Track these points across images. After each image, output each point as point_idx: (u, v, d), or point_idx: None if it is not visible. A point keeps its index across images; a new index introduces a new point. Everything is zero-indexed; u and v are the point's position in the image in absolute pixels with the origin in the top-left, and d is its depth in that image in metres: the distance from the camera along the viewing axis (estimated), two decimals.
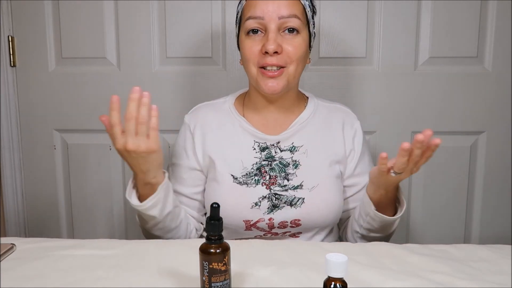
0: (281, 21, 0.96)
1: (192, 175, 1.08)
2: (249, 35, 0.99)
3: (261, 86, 0.99)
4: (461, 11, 1.44)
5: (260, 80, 0.99)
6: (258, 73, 0.99)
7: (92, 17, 1.50)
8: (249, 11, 0.98)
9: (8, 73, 1.53)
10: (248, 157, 1.04)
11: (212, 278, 0.64)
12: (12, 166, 1.58)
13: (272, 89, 0.98)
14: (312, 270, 0.77)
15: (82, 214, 1.62)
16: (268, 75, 0.97)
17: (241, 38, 1.02)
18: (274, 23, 0.96)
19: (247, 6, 1.00)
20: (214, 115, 1.09)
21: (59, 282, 0.74)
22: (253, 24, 0.98)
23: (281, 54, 0.97)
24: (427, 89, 1.49)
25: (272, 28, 0.96)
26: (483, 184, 1.54)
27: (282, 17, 0.96)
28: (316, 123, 1.08)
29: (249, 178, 1.02)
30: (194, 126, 1.08)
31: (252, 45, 0.98)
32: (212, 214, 0.65)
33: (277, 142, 1.05)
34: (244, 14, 1.00)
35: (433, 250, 0.88)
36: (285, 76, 0.99)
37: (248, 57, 0.99)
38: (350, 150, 1.09)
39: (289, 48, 0.97)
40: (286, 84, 1.00)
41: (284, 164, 1.03)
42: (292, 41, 0.98)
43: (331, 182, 1.04)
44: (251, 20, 0.98)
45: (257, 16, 0.97)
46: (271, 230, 1.03)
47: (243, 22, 1.00)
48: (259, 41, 0.98)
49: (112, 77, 1.53)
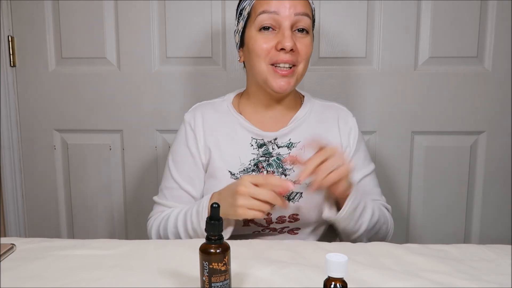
0: (295, 18, 0.97)
1: (199, 174, 1.08)
2: (262, 31, 0.99)
3: (271, 84, 1.00)
4: (461, 11, 1.45)
5: (270, 78, 1.00)
6: (269, 71, 1.00)
7: (92, 17, 1.50)
8: (263, 6, 0.99)
9: (8, 73, 1.53)
10: (246, 154, 1.05)
11: (212, 278, 0.64)
12: (12, 166, 1.58)
13: (283, 88, 1.00)
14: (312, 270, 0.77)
15: (82, 214, 1.62)
16: (282, 73, 0.99)
17: (250, 34, 1.01)
18: (289, 20, 0.97)
19: (260, 1, 1.00)
20: (212, 113, 1.10)
21: (59, 282, 0.74)
22: (266, 19, 0.98)
23: (295, 52, 0.98)
24: (427, 89, 1.49)
25: (287, 25, 0.97)
26: (483, 184, 1.54)
27: (298, 13, 0.97)
28: (312, 121, 1.09)
29: (247, 174, 1.03)
30: (195, 123, 1.09)
31: (265, 41, 0.99)
32: (212, 214, 0.65)
33: (274, 138, 1.06)
34: (255, 9, 1.00)
35: (433, 250, 0.88)
36: (295, 75, 1.01)
37: (259, 54, 1.00)
38: (345, 146, 1.09)
39: (301, 47, 0.99)
40: (295, 83, 1.02)
41: (282, 160, 1.04)
42: (304, 40, 1.00)
43: None
44: (265, 15, 0.98)
45: (272, 11, 0.97)
46: (269, 225, 1.03)
47: (253, 17, 1.00)
48: (273, 37, 0.99)
49: (112, 77, 1.53)
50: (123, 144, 1.57)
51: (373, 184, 1.13)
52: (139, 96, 1.53)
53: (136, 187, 1.58)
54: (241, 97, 1.13)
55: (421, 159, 1.53)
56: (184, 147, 1.09)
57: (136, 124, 1.55)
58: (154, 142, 1.56)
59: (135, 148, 1.56)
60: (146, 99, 1.53)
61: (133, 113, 1.54)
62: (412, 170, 1.54)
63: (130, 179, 1.58)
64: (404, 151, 1.53)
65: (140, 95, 1.53)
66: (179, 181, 1.08)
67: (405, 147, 1.53)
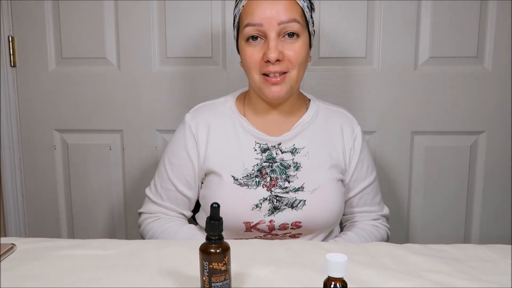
0: (280, 27, 0.95)
1: (196, 178, 1.07)
2: (249, 42, 0.98)
3: (264, 93, 0.99)
4: (461, 11, 1.44)
5: (263, 87, 0.99)
6: (261, 80, 0.99)
7: (92, 17, 1.50)
8: (247, 18, 0.97)
9: (8, 73, 1.53)
10: (249, 158, 1.03)
11: (212, 278, 0.64)
12: (12, 166, 1.58)
13: (276, 95, 0.98)
14: (312, 270, 0.77)
15: (82, 214, 1.62)
16: (272, 81, 0.97)
17: (241, 44, 1.01)
18: (274, 30, 0.95)
19: (245, 11, 0.98)
20: (215, 116, 1.08)
21: (59, 282, 0.74)
22: (252, 31, 0.96)
23: (283, 60, 0.96)
24: (427, 89, 1.49)
25: (272, 36, 0.95)
26: (483, 184, 1.54)
27: (282, 22, 0.95)
28: (317, 126, 1.08)
29: (250, 180, 1.01)
30: (196, 126, 1.06)
31: (253, 52, 0.98)
32: (212, 214, 0.65)
33: (278, 143, 1.05)
34: (242, 19, 0.99)
35: (433, 250, 0.88)
36: (288, 81, 0.98)
37: (249, 65, 0.99)
38: (349, 155, 1.08)
39: (290, 54, 0.96)
40: (290, 89, 1.00)
41: (285, 166, 1.03)
42: (293, 46, 0.97)
43: (332, 184, 1.04)
44: (249, 28, 0.96)
45: (255, 23, 0.95)
46: (271, 231, 1.03)
47: (241, 28, 0.99)
48: (260, 48, 0.97)
49: (112, 77, 1.53)
50: (123, 144, 1.57)
51: (374, 192, 1.13)
52: (139, 96, 1.53)
53: (136, 187, 1.58)
54: (245, 98, 1.11)
55: (421, 159, 1.53)
56: (183, 150, 1.07)
57: (136, 124, 1.55)
58: (154, 142, 1.56)
59: (135, 148, 1.56)
60: (146, 99, 1.53)
61: (133, 113, 1.54)
62: (412, 170, 1.54)
63: (130, 179, 1.58)
64: (404, 151, 1.53)
65: (140, 95, 1.53)
66: (176, 183, 1.07)
67: (405, 147, 1.53)
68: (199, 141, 1.05)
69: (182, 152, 1.07)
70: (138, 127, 1.55)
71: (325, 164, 1.04)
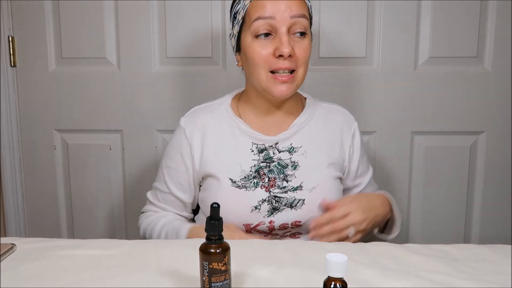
0: (292, 21, 0.94)
1: (190, 182, 1.07)
2: (258, 38, 0.96)
3: (271, 91, 0.97)
4: (461, 11, 1.45)
5: (271, 85, 0.97)
6: (269, 78, 0.97)
7: (92, 17, 1.50)
8: (257, 12, 0.94)
9: (8, 73, 1.53)
10: (247, 160, 1.03)
11: (212, 278, 0.64)
12: (12, 166, 1.58)
13: (284, 93, 0.97)
14: (312, 270, 0.77)
15: (82, 214, 1.62)
16: (281, 80, 0.96)
17: (246, 41, 0.98)
18: (286, 24, 0.94)
19: (254, 6, 0.95)
20: (210, 118, 1.06)
21: (59, 282, 0.74)
22: (263, 25, 0.94)
23: (293, 57, 0.95)
24: (427, 89, 1.49)
25: (283, 30, 0.94)
26: (483, 184, 1.54)
27: (294, 16, 0.94)
28: (314, 125, 1.07)
29: (248, 181, 1.01)
30: (191, 130, 1.06)
31: (263, 49, 0.95)
32: (212, 214, 0.65)
33: (276, 143, 1.04)
34: (249, 14, 0.96)
35: (433, 250, 0.88)
36: (295, 80, 0.98)
37: (257, 62, 0.96)
38: (349, 152, 1.09)
39: (300, 51, 0.96)
40: (295, 88, 1.00)
41: (283, 165, 1.02)
42: (301, 44, 0.96)
43: (330, 182, 1.04)
44: (260, 21, 0.94)
45: (267, 16, 0.93)
46: (271, 232, 1.03)
47: (248, 23, 0.96)
48: (270, 44, 0.95)
49: (112, 77, 1.53)
50: (123, 144, 1.57)
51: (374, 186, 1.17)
52: (139, 96, 1.53)
53: (136, 187, 1.58)
54: (239, 99, 1.09)
55: (421, 159, 1.53)
56: (177, 154, 1.07)
57: (136, 124, 1.55)
58: (154, 142, 1.56)
59: (135, 148, 1.56)
60: (146, 99, 1.53)
61: (133, 113, 1.54)
62: (412, 170, 1.54)
63: (130, 179, 1.58)
64: (404, 151, 1.53)
65: (140, 95, 1.53)
66: (171, 187, 1.08)
67: (405, 147, 1.53)
68: (194, 145, 1.05)
69: (177, 155, 1.07)
70: (138, 127, 1.55)
71: (323, 162, 1.05)
